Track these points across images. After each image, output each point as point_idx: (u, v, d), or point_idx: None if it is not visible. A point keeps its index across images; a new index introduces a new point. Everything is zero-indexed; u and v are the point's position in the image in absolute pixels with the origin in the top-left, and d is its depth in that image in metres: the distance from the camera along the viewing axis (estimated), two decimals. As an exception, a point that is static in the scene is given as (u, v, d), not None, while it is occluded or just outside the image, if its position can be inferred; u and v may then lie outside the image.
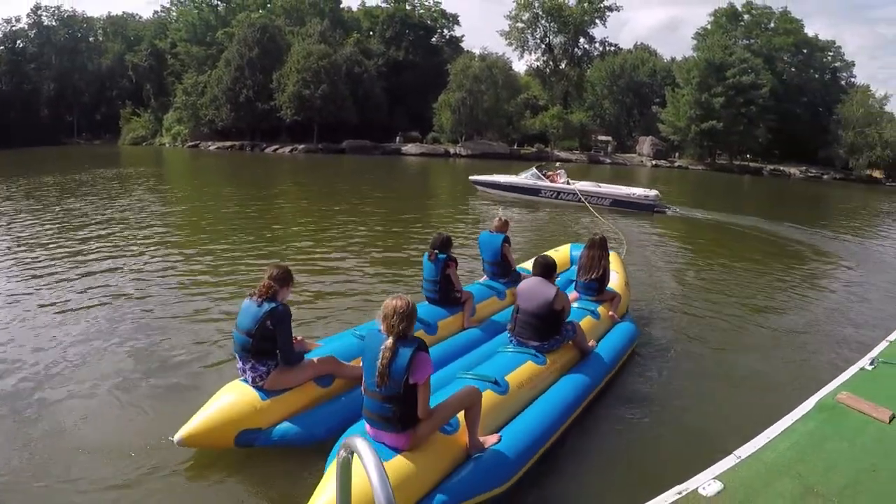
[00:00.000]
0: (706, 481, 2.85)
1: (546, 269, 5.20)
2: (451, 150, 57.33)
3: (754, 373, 6.17)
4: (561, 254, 8.65)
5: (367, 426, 3.67)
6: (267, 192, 22.81)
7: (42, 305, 7.34)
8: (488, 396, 4.12)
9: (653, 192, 19.05)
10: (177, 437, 3.96)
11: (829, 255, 14.61)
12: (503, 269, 7.20)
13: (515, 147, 61.03)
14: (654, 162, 61.13)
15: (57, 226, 12.88)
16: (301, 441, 4.11)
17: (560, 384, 4.80)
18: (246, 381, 4.32)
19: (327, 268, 10.02)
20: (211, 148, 60.78)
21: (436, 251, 6.18)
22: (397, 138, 60.64)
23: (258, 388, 4.25)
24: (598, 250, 6.53)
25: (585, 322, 5.80)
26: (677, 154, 63.65)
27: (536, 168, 20.83)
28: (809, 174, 64.55)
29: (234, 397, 4.19)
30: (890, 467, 3.01)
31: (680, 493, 2.78)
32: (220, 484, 4.00)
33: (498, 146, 58.63)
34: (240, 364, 4.35)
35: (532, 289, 5.09)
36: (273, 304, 4.28)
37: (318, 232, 13.41)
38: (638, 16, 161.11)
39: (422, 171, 36.64)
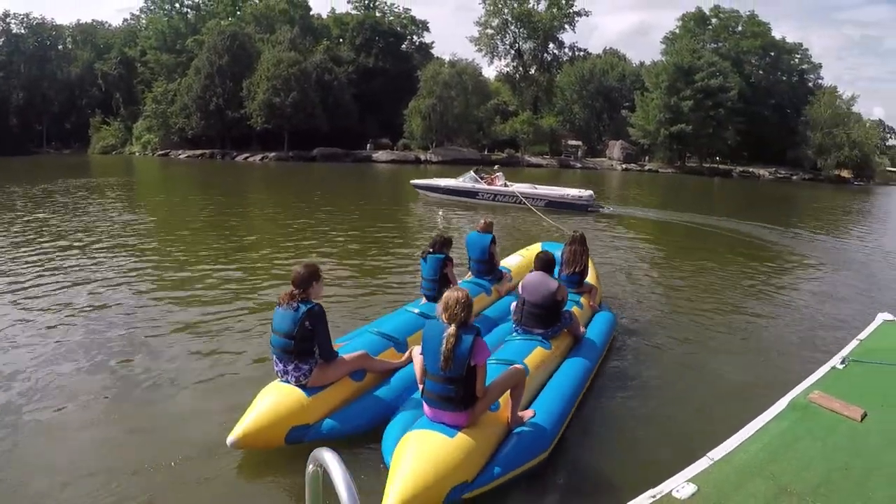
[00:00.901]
0: (680, 484, 2.86)
1: (547, 265, 5.77)
2: (422, 157, 57.32)
3: (726, 374, 6.21)
4: (532, 252, 9.05)
5: (427, 408, 4.02)
6: (239, 201, 22.78)
7: (16, 320, 7.18)
8: None
9: (587, 193, 19.67)
10: (230, 439, 4.07)
11: (798, 254, 14.76)
12: (489, 267, 7.63)
13: (486, 153, 61.17)
14: (624, 166, 61.56)
15: (22, 238, 12.58)
16: (345, 433, 4.35)
17: (567, 365, 5.37)
18: (287, 381, 4.50)
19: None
20: (181, 156, 60.26)
21: (433, 250, 6.59)
22: (368, 145, 60.47)
23: (302, 387, 4.46)
24: (578, 245, 7.17)
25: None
26: (647, 157, 64.11)
27: (474, 171, 21.32)
28: (779, 175, 65.34)
29: (279, 397, 4.36)
30: (862, 465, 3.06)
31: (654, 496, 2.79)
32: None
33: (468, 152, 58.68)
34: (280, 366, 4.52)
35: (536, 282, 5.61)
36: (309, 305, 4.51)
37: (289, 241, 13.18)
38: (607, 21, 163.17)
39: (391, 178, 36.48)
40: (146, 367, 5.78)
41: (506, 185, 20.12)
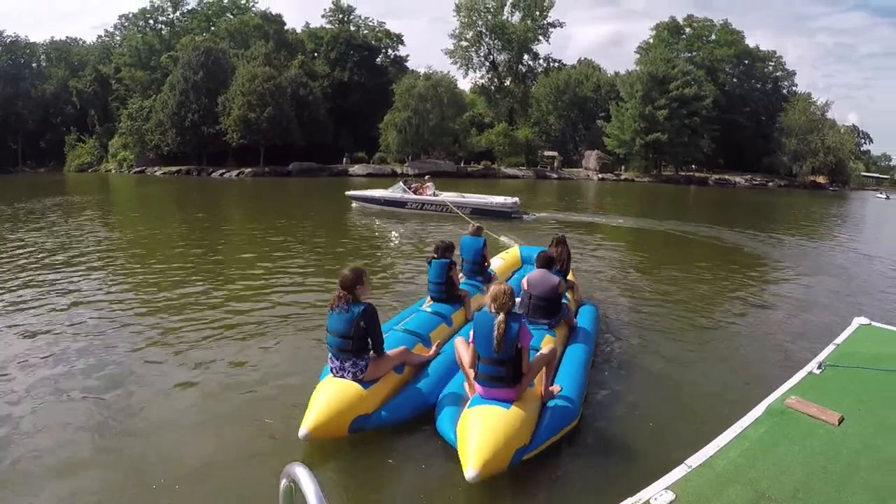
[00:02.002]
0: (658, 492, 2.84)
1: (548, 262, 6.52)
2: (398, 170, 57.17)
3: (703, 380, 6.19)
4: (511, 254, 10.20)
5: (480, 388, 4.57)
6: (216, 218, 22.64)
7: None
8: None
9: (510, 200, 20.58)
10: (302, 431, 4.40)
11: (774, 260, 14.80)
12: (480, 268, 8.21)
13: (462, 165, 61.30)
14: (600, 176, 61.79)
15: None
16: (396, 422, 4.80)
17: (572, 349, 5.94)
18: (343, 376, 4.87)
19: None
20: (157, 173, 59.92)
21: (440, 254, 7.06)
22: (344, 159, 60.42)
23: (358, 381, 4.84)
24: (562, 246, 7.69)
25: None
26: (623, 167, 64.40)
27: (401, 182, 22.52)
28: (754, 182, 65.91)
29: (340, 391, 4.73)
30: (840, 469, 3.06)
31: None
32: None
33: (445, 164, 58.67)
34: (337, 363, 4.91)
35: (541, 278, 6.29)
36: (362, 305, 4.91)
37: (268, 257, 12.93)
38: (582, 31, 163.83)
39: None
40: (130, 391, 5.68)
41: (435, 195, 21.05)
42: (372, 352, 5.01)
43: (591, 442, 4.86)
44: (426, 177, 25.09)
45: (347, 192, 23.58)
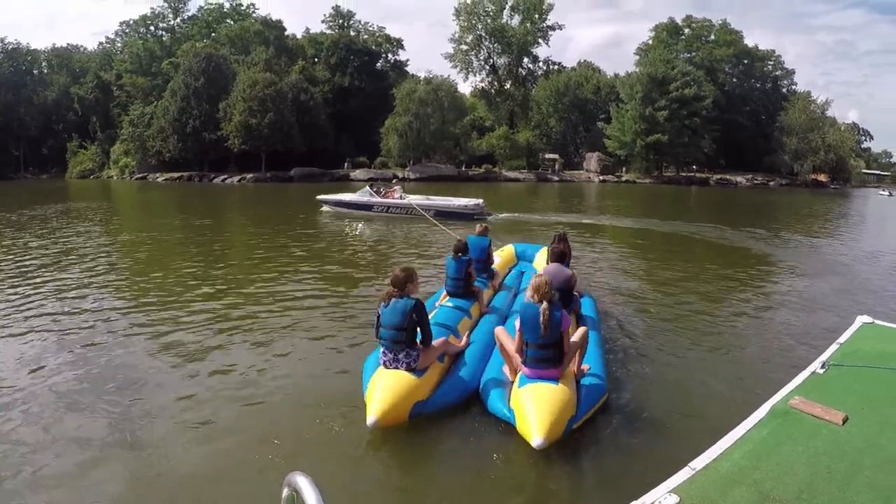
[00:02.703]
0: (662, 495, 2.81)
1: (561, 257, 7.00)
2: (400, 175, 57.12)
3: (705, 381, 6.16)
4: (507, 252, 10.58)
5: (527, 370, 5.03)
6: (219, 223, 22.66)
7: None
8: None
9: (472, 202, 21.29)
10: (370, 419, 4.68)
11: (777, 259, 14.74)
12: (486, 265, 8.58)
13: (464, 169, 61.32)
14: (601, 177, 61.80)
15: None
16: (447, 405, 5.21)
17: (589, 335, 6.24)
18: (397, 367, 5.23)
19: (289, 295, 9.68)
20: (159, 179, 60.15)
21: (459, 253, 7.48)
22: (345, 164, 60.43)
23: (411, 370, 5.21)
24: (563, 242, 7.95)
25: None
26: (624, 169, 64.40)
27: (368, 186, 23.59)
28: (756, 182, 65.83)
29: (397, 380, 5.07)
30: (845, 469, 3.04)
31: None
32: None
33: (446, 169, 58.80)
34: (391, 355, 5.27)
35: (555, 271, 6.62)
36: (413, 301, 5.33)
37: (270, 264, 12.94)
38: (581, 34, 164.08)
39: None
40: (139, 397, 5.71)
41: (402, 198, 21.92)
42: (421, 343, 5.39)
43: (593, 445, 4.86)
44: (394, 181, 26.28)
45: (318, 196, 24.33)
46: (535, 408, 4.56)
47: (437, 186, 46.40)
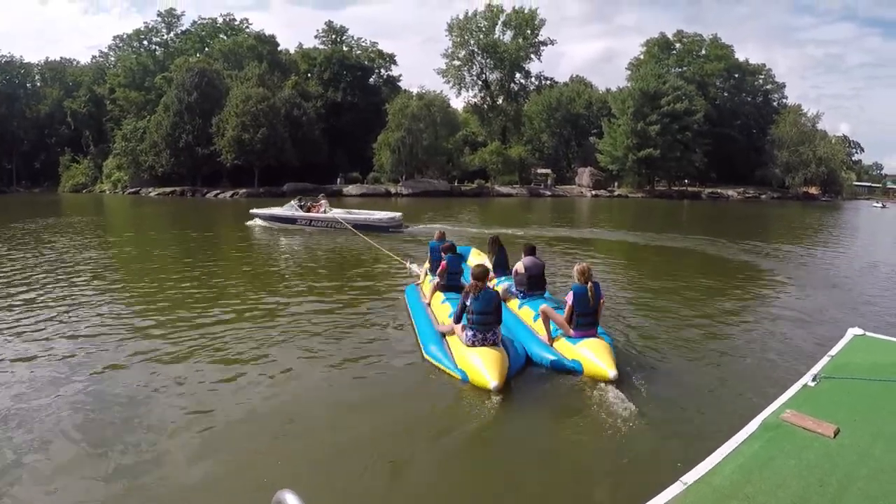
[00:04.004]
0: None
1: (533, 250, 8.59)
2: (392, 190, 57.40)
3: (696, 395, 6.16)
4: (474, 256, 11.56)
5: (575, 332, 6.62)
6: (211, 239, 22.62)
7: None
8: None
9: (387, 216, 22.29)
10: (493, 385, 5.82)
11: (769, 272, 14.70)
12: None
13: (456, 184, 61.50)
14: (593, 192, 62.05)
15: None
16: (518, 370, 6.54)
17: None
18: (485, 344, 6.36)
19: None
20: (152, 194, 60.03)
21: (451, 252, 8.91)
22: (338, 179, 60.48)
23: (494, 345, 6.41)
24: (498, 244, 10.04)
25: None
26: (616, 183, 64.75)
27: (294, 201, 24.56)
28: (747, 195, 66.32)
29: (496, 354, 6.24)
30: (837, 481, 3.02)
31: None
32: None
33: (439, 184, 58.98)
34: (481, 335, 6.38)
35: (532, 262, 8.38)
36: (493, 291, 6.81)
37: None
38: (573, 49, 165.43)
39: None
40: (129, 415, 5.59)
41: (325, 212, 22.98)
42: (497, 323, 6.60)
43: (582, 460, 4.85)
44: (320, 195, 27.61)
45: (252, 210, 25.37)
46: (595, 354, 6.29)
47: (430, 202, 46.79)
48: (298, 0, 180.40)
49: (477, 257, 10.97)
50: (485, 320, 6.39)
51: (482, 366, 6.02)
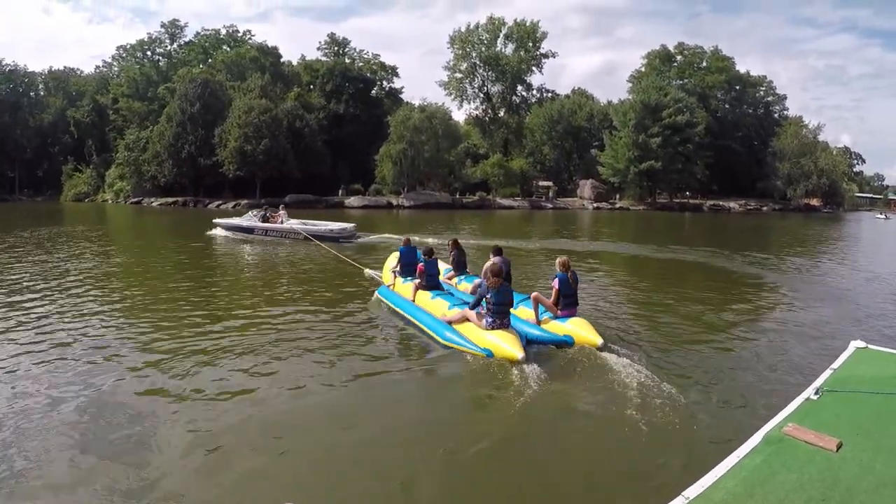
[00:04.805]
0: None
1: (500, 250, 9.86)
2: (394, 202, 57.42)
3: (697, 409, 6.06)
4: (395, 256, 11.90)
5: (562, 311, 8.25)
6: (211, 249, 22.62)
7: None
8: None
9: (341, 227, 23.35)
10: (520, 356, 7.02)
11: (771, 283, 14.71)
12: (414, 268, 10.58)
13: (458, 196, 61.63)
14: (595, 205, 62.06)
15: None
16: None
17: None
18: (501, 327, 7.63)
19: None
20: (154, 204, 60.24)
21: (431, 256, 10.04)
22: (340, 191, 60.61)
23: (505, 327, 7.66)
24: (457, 248, 11.58)
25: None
26: (618, 196, 64.80)
27: (253, 212, 26.13)
28: (749, 207, 66.32)
29: (513, 334, 7.53)
30: (840, 496, 3.01)
31: None
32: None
33: (440, 196, 59.09)
34: (498, 321, 7.66)
35: (503, 260, 9.45)
36: (509, 287, 8.05)
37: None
38: (575, 62, 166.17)
39: (365, 223, 35.98)
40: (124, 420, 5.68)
41: (282, 223, 23.89)
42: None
43: (581, 473, 4.82)
44: (280, 206, 28.55)
45: (215, 220, 26.12)
46: (582, 328, 7.90)
47: (432, 214, 46.86)
48: (301, 12, 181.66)
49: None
50: (502, 310, 7.73)
51: (506, 343, 7.30)
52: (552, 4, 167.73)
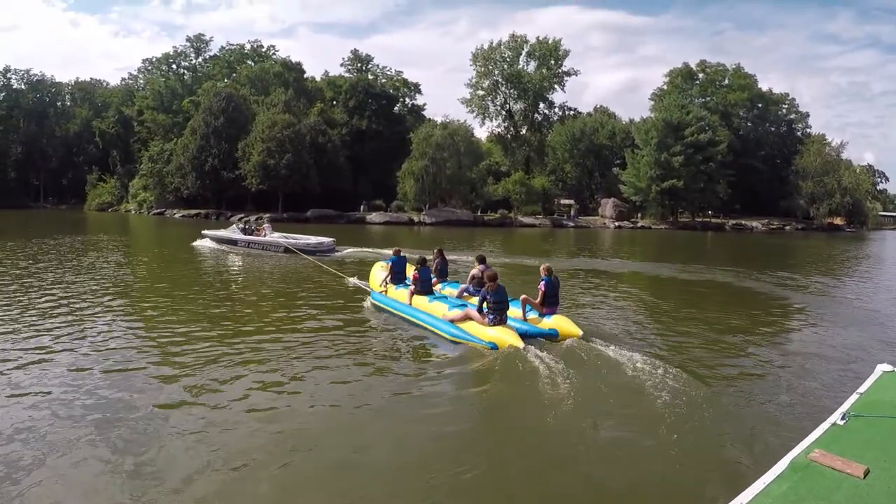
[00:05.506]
0: None
1: (484, 259, 11.82)
2: (416, 219, 57.45)
3: (722, 433, 6.03)
4: (384, 266, 13.37)
5: (546, 310, 9.77)
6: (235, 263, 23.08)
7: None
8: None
9: (320, 240, 24.12)
10: (522, 345, 8.54)
11: (796, 305, 14.60)
12: (403, 275, 12.49)
13: (479, 214, 61.47)
14: (617, 223, 61.66)
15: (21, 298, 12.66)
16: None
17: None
18: (501, 324, 9.10)
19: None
20: (176, 216, 60.82)
21: (424, 265, 11.60)
22: (361, 207, 60.72)
23: (503, 322, 9.17)
24: (441, 256, 13.28)
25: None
26: (640, 214, 64.34)
27: (237, 224, 26.97)
28: (772, 226, 65.52)
29: (507, 328, 9.03)
30: None
31: None
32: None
33: (462, 213, 58.99)
34: (498, 318, 9.10)
35: (485, 267, 10.99)
36: (503, 288, 9.40)
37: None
38: (598, 79, 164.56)
39: (385, 238, 36.10)
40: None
41: (265, 236, 24.77)
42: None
43: (604, 497, 4.83)
44: (265, 219, 29.41)
45: (204, 231, 27.09)
46: (565, 324, 9.35)
47: (453, 231, 46.89)
48: (324, 28, 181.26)
49: (411, 269, 12.46)
50: (500, 308, 9.22)
51: (508, 337, 8.74)
52: (575, 22, 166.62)
